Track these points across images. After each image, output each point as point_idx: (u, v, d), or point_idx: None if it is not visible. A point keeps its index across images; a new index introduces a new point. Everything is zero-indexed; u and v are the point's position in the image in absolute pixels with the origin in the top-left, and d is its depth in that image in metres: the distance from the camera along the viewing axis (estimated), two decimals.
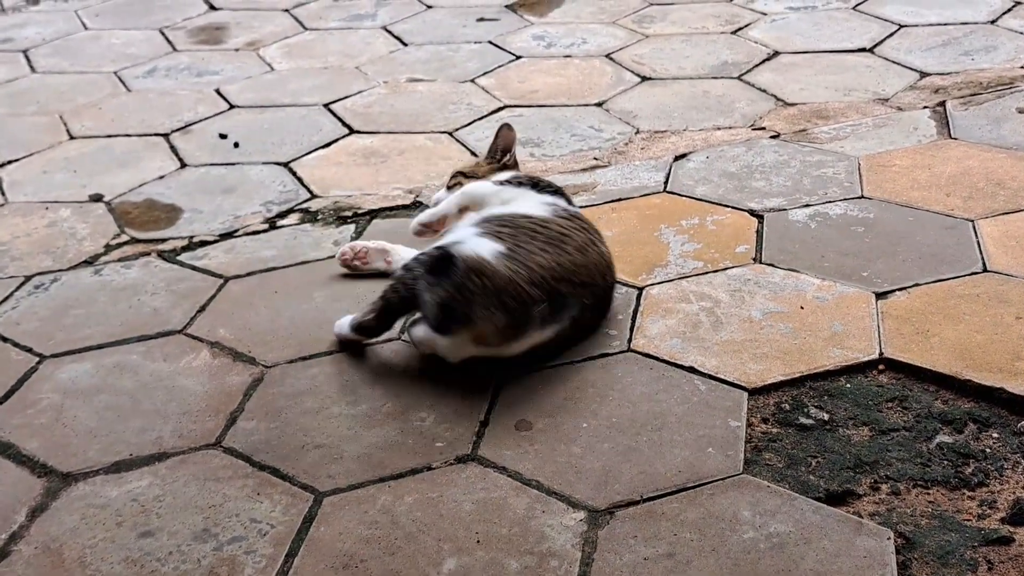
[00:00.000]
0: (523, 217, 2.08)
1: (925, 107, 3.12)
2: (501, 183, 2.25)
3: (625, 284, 2.27)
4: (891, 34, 3.73)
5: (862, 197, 2.60)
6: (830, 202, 2.58)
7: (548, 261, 1.98)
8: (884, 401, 1.91)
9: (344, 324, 2.13)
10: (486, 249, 1.95)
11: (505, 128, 2.41)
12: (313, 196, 2.83)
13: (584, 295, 2.04)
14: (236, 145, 3.16)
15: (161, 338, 2.21)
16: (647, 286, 2.28)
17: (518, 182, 2.27)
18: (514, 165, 2.42)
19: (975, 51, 3.53)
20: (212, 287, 2.39)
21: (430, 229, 2.25)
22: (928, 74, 3.38)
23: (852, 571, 1.55)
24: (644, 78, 3.51)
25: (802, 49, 3.66)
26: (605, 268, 2.11)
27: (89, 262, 2.55)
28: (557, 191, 2.27)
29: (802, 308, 2.16)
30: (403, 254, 2.31)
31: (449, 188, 2.35)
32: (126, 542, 1.67)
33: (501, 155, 2.40)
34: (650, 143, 3.04)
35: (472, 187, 2.26)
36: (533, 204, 2.15)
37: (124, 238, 2.67)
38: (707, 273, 2.30)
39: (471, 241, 1.99)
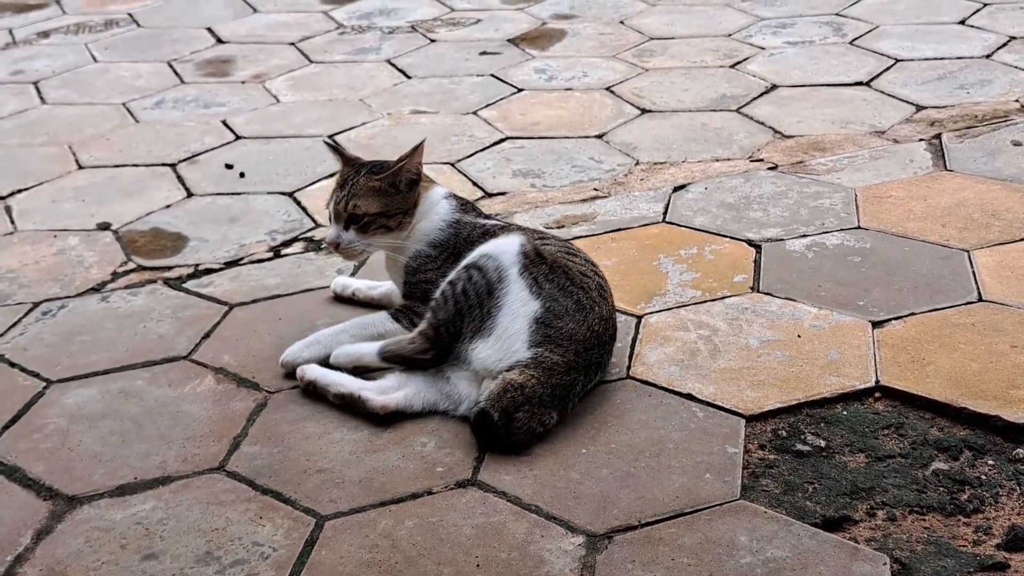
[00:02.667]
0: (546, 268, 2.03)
1: (921, 139, 3.16)
2: (480, 228, 2.18)
3: (624, 312, 2.30)
4: (887, 68, 3.78)
5: (859, 228, 2.63)
6: (827, 232, 2.61)
7: (581, 330, 1.97)
8: (880, 428, 1.93)
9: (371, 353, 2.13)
10: (521, 358, 1.94)
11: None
12: (317, 225, 2.87)
13: (609, 344, 2.07)
14: (242, 175, 3.20)
15: (166, 364, 2.24)
16: (646, 314, 2.30)
17: (475, 213, 2.25)
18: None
19: (970, 85, 3.58)
20: (217, 314, 2.42)
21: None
22: (924, 107, 3.42)
23: None
24: (644, 111, 3.56)
25: (800, 83, 3.71)
26: (612, 303, 2.11)
27: (96, 289, 2.58)
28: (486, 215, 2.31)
29: (799, 336, 2.19)
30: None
31: (358, 222, 2.14)
32: (130, 565, 1.69)
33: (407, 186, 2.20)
34: (649, 174, 3.07)
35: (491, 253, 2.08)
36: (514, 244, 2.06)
37: (131, 266, 2.70)
38: (705, 302, 2.33)
39: (504, 356, 1.96)
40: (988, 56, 3.84)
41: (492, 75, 3.97)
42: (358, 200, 2.12)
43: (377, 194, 2.13)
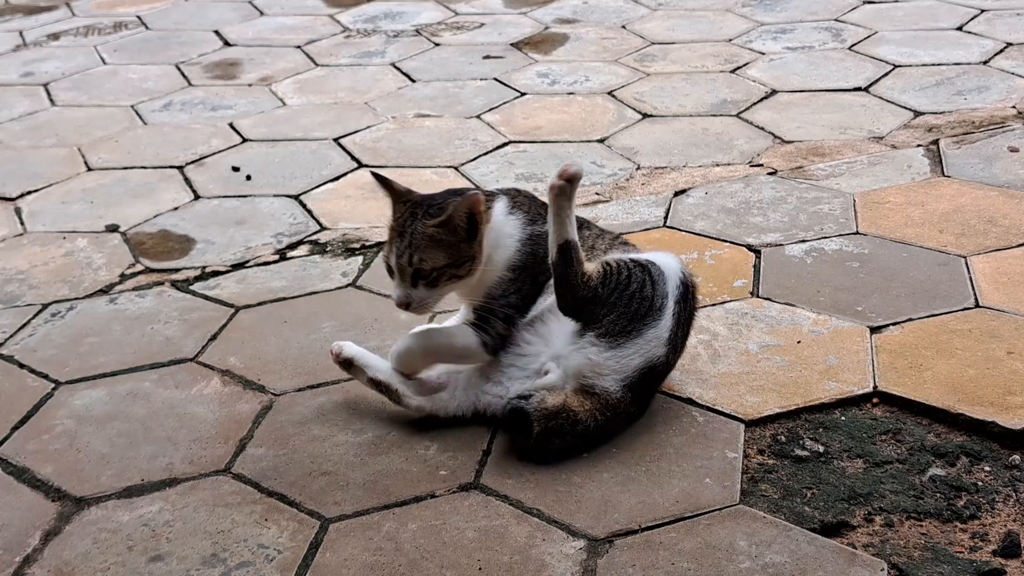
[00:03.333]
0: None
1: (919, 145, 3.18)
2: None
3: None
4: (886, 74, 3.81)
5: (857, 233, 2.66)
6: (826, 238, 2.64)
7: (639, 360, 1.92)
8: (878, 434, 1.96)
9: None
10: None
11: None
12: (322, 228, 2.90)
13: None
14: (248, 178, 3.23)
15: (173, 366, 2.26)
16: None
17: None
18: None
19: (968, 91, 3.60)
20: (223, 316, 2.45)
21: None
22: (922, 113, 3.45)
23: None
24: (645, 115, 3.58)
25: (799, 88, 3.74)
26: None
27: (104, 291, 2.61)
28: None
29: (798, 342, 2.21)
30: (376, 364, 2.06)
31: (426, 277, 1.93)
32: (136, 566, 1.72)
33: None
34: (650, 179, 3.10)
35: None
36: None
37: (139, 268, 2.73)
38: (705, 307, 2.35)
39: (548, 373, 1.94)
40: (985, 62, 3.86)
41: (495, 79, 4.00)
42: (422, 254, 1.89)
43: (440, 245, 1.89)
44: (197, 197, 3.14)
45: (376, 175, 2.01)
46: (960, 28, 4.26)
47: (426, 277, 1.90)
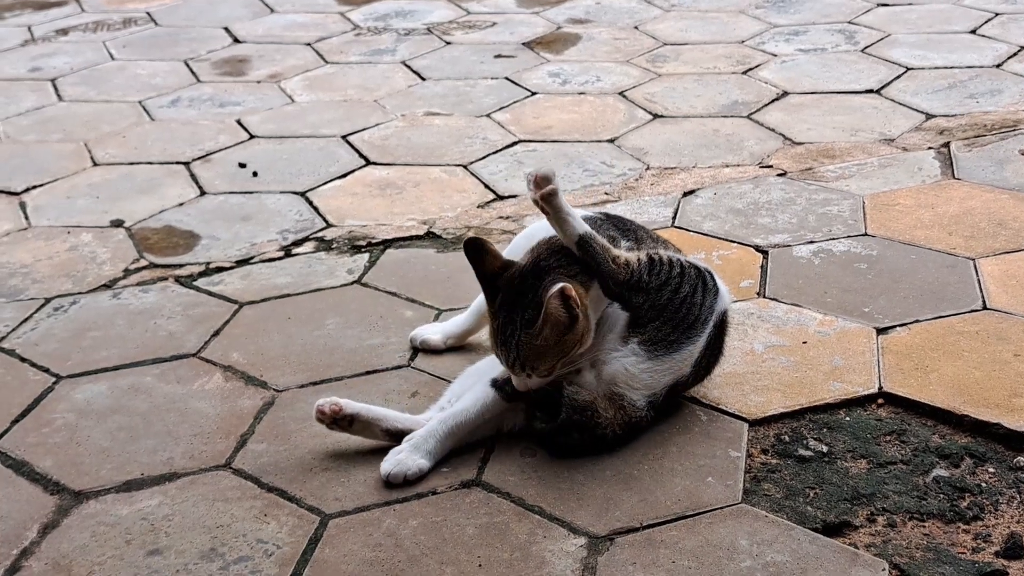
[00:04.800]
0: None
1: (930, 148, 3.16)
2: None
3: None
4: (898, 76, 3.78)
5: (865, 235, 2.64)
6: (834, 239, 2.62)
7: (669, 378, 1.91)
8: (882, 435, 1.94)
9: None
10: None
11: None
12: (328, 225, 2.89)
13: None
14: (255, 174, 3.23)
15: (175, 361, 2.26)
16: None
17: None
18: None
19: (980, 94, 3.58)
20: (227, 312, 2.44)
21: None
22: (934, 116, 3.42)
23: None
24: (656, 116, 3.57)
25: (811, 90, 3.72)
26: None
27: (108, 286, 2.61)
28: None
29: (804, 342, 2.20)
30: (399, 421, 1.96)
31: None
32: (134, 560, 1.71)
33: None
34: (660, 179, 3.09)
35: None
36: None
37: (143, 263, 2.73)
38: None
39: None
40: (999, 66, 3.84)
41: (506, 78, 3.99)
42: (533, 362, 1.83)
43: (547, 349, 1.81)
44: (203, 193, 3.14)
45: (470, 244, 1.86)
46: (974, 31, 4.23)
47: (540, 373, 1.85)
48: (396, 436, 1.92)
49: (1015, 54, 3.94)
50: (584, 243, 1.84)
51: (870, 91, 3.67)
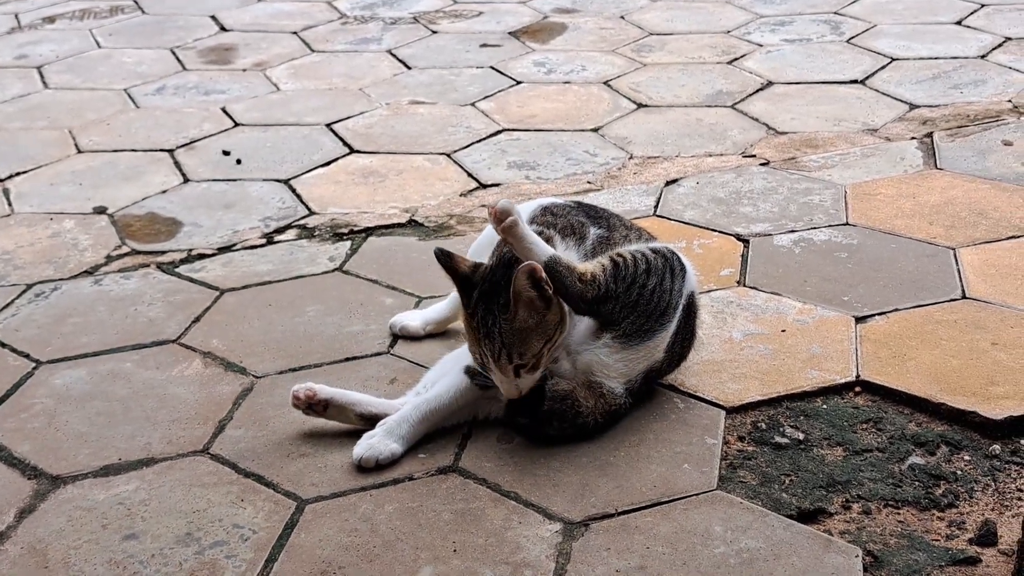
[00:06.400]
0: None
1: (913, 138, 3.17)
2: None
3: None
4: (883, 67, 3.79)
5: (847, 224, 2.64)
6: (815, 228, 2.63)
7: (644, 364, 1.93)
8: (859, 422, 1.95)
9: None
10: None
11: None
12: (311, 213, 2.89)
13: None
14: (238, 162, 3.22)
15: (155, 347, 2.26)
16: None
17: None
18: None
19: (964, 84, 3.59)
20: (208, 299, 2.44)
21: None
22: (917, 106, 3.43)
23: None
24: (640, 105, 3.57)
25: (795, 80, 3.72)
26: None
27: (90, 272, 2.61)
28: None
29: (783, 331, 2.20)
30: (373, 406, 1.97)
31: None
32: (110, 544, 1.71)
33: None
34: (643, 168, 3.09)
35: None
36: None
37: (125, 250, 2.72)
38: None
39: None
40: (983, 56, 3.85)
41: (492, 67, 3.99)
42: (519, 348, 1.81)
43: (529, 331, 1.81)
44: (186, 180, 3.13)
45: (440, 253, 1.87)
46: (959, 22, 4.24)
47: (527, 365, 1.83)
48: (371, 421, 1.92)
49: (1000, 45, 3.95)
50: (550, 267, 1.83)
51: (855, 81, 3.68)
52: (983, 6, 4.40)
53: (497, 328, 1.81)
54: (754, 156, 3.11)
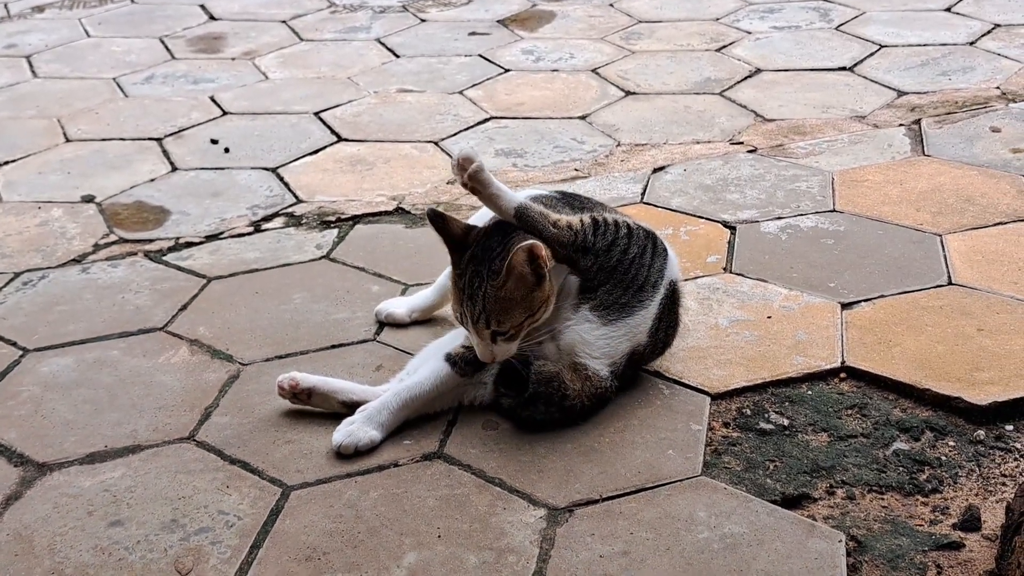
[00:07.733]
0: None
1: (901, 125, 3.17)
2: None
3: None
4: (871, 54, 3.79)
5: (834, 211, 2.65)
6: (802, 215, 2.63)
7: (627, 345, 1.93)
8: (844, 408, 1.96)
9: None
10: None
11: None
12: (299, 201, 2.89)
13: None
14: (227, 150, 3.22)
15: (142, 335, 2.26)
16: None
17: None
18: None
19: (953, 71, 3.59)
20: (195, 287, 2.44)
21: None
22: (905, 93, 3.43)
23: (802, 572, 1.59)
24: (628, 93, 3.57)
25: (784, 67, 3.72)
26: None
27: (77, 260, 2.60)
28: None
29: (769, 317, 2.21)
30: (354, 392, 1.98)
31: None
32: (96, 531, 1.72)
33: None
34: (630, 155, 3.09)
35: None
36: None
37: (112, 238, 2.72)
38: None
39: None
40: (972, 43, 3.85)
41: (480, 55, 3.98)
42: (498, 316, 1.82)
43: (513, 303, 1.82)
44: (174, 169, 3.13)
45: (432, 214, 1.87)
46: (949, 9, 4.24)
47: (505, 334, 1.84)
48: (354, 407, 1.93)
49: (989, 32, 3.96)
50: (521, 213, 1.86)
51: (843, 68, 3.68)
52: None
53: (482, 292, 1.82)
54: (742, 143, 3.12)
